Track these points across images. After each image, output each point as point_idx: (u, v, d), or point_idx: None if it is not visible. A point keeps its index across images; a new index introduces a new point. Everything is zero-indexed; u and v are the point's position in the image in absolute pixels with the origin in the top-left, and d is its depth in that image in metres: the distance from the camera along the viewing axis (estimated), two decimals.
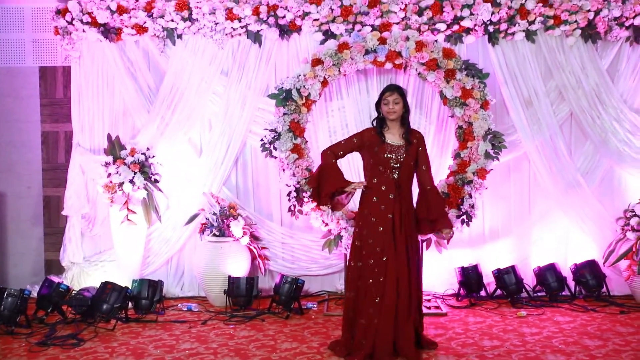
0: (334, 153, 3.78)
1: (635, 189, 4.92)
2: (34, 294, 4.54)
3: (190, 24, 4.93)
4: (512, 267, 4.82)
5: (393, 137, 3.70)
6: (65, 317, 4.35)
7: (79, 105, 5.13)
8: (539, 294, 4.87)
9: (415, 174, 3.77)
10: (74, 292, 4.62)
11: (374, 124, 3.77)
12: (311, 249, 5.09)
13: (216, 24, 4.90)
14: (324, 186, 3.69)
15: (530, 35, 4.90)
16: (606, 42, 4.96)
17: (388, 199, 3.59)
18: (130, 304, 4.53)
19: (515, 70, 4.95)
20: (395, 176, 3.64)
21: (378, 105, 3.75)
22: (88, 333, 4.09)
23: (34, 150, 5.36)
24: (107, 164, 4.83)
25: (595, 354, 3.61)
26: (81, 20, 4.92)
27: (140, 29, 4.94)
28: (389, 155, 3.64)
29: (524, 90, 4.95)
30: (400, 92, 3.70)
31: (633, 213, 4.71)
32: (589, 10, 4.77)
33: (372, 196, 3.63)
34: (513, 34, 4.89)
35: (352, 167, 4.89)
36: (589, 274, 4.81)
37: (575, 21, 4.81)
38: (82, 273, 5.06)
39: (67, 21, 4.94)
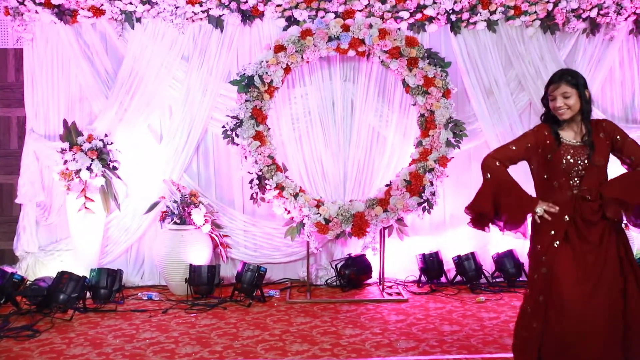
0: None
1: None
2: None
3: (150, 7, 4.81)
4: (472, 254, 4.91)
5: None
6: (20, 308, 4.23)
7: (32, 89, 4.96)
8: (497, 279, 4.98)
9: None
10: (28, 282, 4.50)
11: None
12: (273, 236, 5.08)
13: (176, 7, 4.80)
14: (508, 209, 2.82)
15: (491, 25, 4.96)
16: (564, 33, 5.07)
17: None
18: (88, 294, 4.43)
19: (477, 60, 5.01)
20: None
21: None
22: (44, 324, 3.98)
23: None
24: (63, 151, 4.70)
25: None
26: (34, 1, 4.73)
27: (97, 12, 4.80)
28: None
29: (485, 80, 5.03)
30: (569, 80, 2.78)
31: None
32: (548, 2, 4.86)
33: None
34: (475, 23, 4.94)
35: None
36: None
37: (535, 12, 4.89)
38: (37, 263, 4.93)
39: (18, 1, 4.75)
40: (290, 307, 4.43)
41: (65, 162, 4.66)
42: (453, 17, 4.90)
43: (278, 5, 4.80)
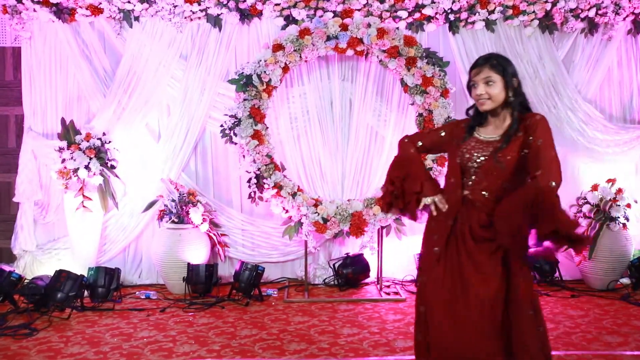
0: None
1: (587, 177, 5.07)
2: None
3: (148, 5, 4.80)
4: None
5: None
6: (17, 306, 4.23)
7: (30, 87, 4.95)
8: None
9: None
10: (26, 280, 4.49)
11: None
12: (271, 235, 5.08)
13: (175, 6, 4.79)
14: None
15: (489, 25, 4.96)
16: (562, 33, 5.07)
17: None
18: (86, 293, 4.43)
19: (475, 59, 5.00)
20: None
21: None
22: (42, 322, 3.98)
23: None
24: (61, 149, 4.69)
25: None
26: None
27: (96, 10, 4.79)
28: None
29: None
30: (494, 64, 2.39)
31: (585, 200, 4.87)
32: (546, 1, 4.86)
33: None
34: (473, 23, 4.94)
35: None
36: (543, 260, 4.94)
37: (533, 12, 4.89)
38: (35, 261, 4.93)
39: None
40: (288, 306, 4.43)
41: (63, 160, 4.65)
42: (451, 17, 4.90)
43: (276, 4, 4.80)
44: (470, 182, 2.37)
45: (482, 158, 2.34)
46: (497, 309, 2.31)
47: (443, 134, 2.54)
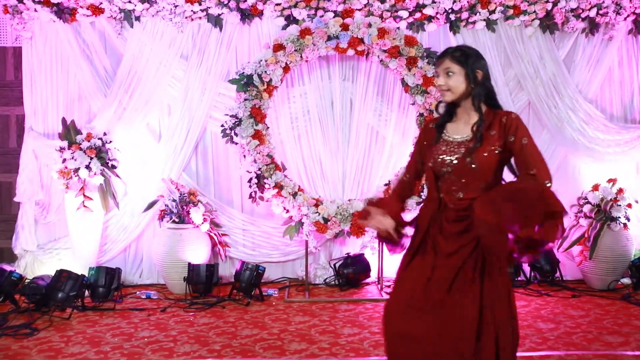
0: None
1: (588, 177, 5.07)
2: None
3: (149, 5, 4.80)
4: None
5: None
6: (18, 306, 4.23)
7: (31, 87, 4.95)
8: None
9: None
10: (27, 280, 4.49)
11: None
12: (272, 235, 5.08)
13: (175, 6, 4.79)
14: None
15: (490, 25, 4.96)
16: (563, 33, 5.07)
17: None
18: (86, 292, 4.43)
19: None
20: None
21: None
22: (42, 322, 3.98)
23: None
24: (62, 149, 4.69)
25: (548, 337, 3.72)
26: None
27: (96, 10, 4.79)
28: None
29: None
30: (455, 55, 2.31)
31: (586, 200, 4.87)
32: (547, 1, 4.86)
33: None
34: (474, 22, 4.94)
35: None
36: (544, 260, 4.93)
37: (534, 11, 4.89)
38: (36, 261, 4.93)
39: None
40: (289, 306, 4.43)
41: (64, 160, 4.65)
42: (452, 17, 4.90)
43: (277, 4, 4.80)
44: (445, 185, 2.31)
45: (455, 160, 2.28)
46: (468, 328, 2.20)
47: (418, 149, 2.48)
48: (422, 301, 2.25)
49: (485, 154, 2.23)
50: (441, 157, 2.30)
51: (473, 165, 2.23)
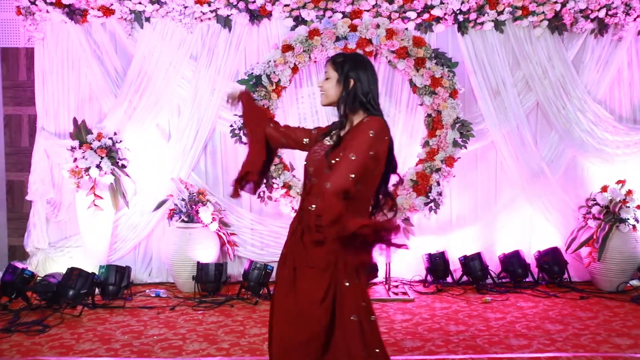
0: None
1: (597, 178, 5.06)
2: None
3: (159, 7, 4.84)
4: (478, 254, 4.91)
5: None
6: (30, 303, 4.28)
7: (43, 88, 5.01)
8: (503, 280, 4.98)
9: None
10: (38, 278, 4.54)
11: None
12: (280, 235, 5.09)
13: (185, 7, 4.83)
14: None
15: (499, 26, 4.96)
16: (572, 34, 5.05)
17: None
18: (97, 290, 4.47)
19: (484, 60, 5.00)
20: None
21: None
22: (54, 319, 4.03)
23: None
24: (73, 149, 4.74)
25: (556, 338, 3.72)
26: (45, 1, 4.79)
27: (107, 11, 4.84)
28: None
29: (492, 80, 5.02)
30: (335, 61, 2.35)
31: (594, 201, 4.85)
32: (555, 2, 4.85)
33: None
34: (482, 23, 4.94)
35: None
36: (552, 261, 4.93)
37: (543, 12, 4.88)
38: (47, 259, 4.98)
39: (29, 1, 4.80)
40: None
41: (75, 160, 4.70)
42: (460, 18, 4.90)
43: (286, 5, 4.82)
44: (308, 187, 2.32)
45: (317, 161, 2.30)
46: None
47: (313, 132, 2.49)
48: None
49: (339, 157, 2.18)
50: (310, 157, 2.36)
51: (328, 167, 2.20)
